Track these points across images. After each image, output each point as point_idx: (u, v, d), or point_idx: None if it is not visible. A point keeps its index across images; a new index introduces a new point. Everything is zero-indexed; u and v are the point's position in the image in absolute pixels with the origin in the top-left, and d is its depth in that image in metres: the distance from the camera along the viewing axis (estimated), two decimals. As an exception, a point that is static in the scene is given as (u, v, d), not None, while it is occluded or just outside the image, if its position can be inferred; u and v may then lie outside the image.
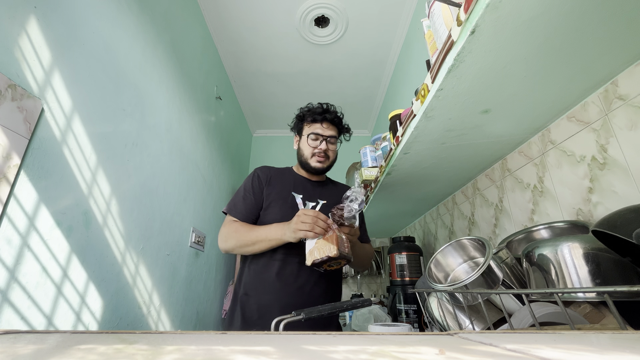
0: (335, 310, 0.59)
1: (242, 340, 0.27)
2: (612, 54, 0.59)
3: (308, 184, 1.18)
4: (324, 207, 1.11)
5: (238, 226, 1.03)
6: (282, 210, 1.07)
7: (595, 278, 0.48)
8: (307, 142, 1.14)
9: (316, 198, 1.14)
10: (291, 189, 1.13)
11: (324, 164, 1.14)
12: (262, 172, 1.16)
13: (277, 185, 1.13)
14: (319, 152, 1.12)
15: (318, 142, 1.13)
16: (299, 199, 1.11)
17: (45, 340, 0.26)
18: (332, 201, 1.15)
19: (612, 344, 0.24)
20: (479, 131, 0.83)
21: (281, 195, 1.11)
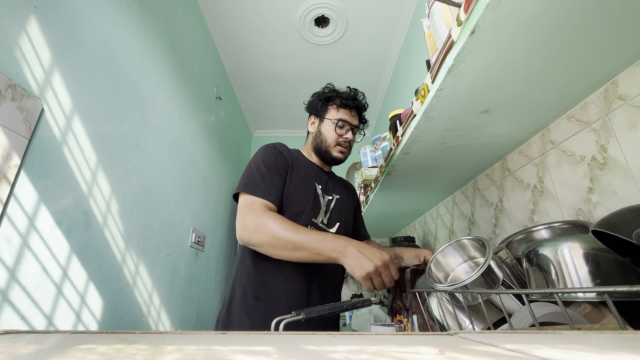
0: (335, 310, 0.59)
1: (242, 340, 0.27)
2: (612, 54, 0.59)
3: (323, 174, 1.06)
4: (337, 202, 1.04)
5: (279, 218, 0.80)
6: (308, 202, 0.93)
7: (595, 278, 0.48)
8: (335, 129, 1.00)
9: (331, 191, 1.04)
10: (313, 177, 1.00)
11: (346, 154, 1.04)
12: (283, 149, 0.99)
13: (299, 168, 0.98)
14: (344, 142, 1.01)
15: (344, 131, 1.02)
16: (319, 189, 0.99)
17: (45, 340, 0.26)
18: (343, 197, 1.08)
19: (612, 344, 0.24)
20: (479, 131, 0.83)
21: (305, 183, 0.96)
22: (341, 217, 1.01)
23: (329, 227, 0.97)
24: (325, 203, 0.99)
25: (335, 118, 1.01)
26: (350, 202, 1.12)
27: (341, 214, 1.02)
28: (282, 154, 0.96)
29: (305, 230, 0.78)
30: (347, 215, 1.06)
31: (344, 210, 1.05)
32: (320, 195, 0.97)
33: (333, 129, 1.01)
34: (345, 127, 1.02)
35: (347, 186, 1.19)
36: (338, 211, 1.01)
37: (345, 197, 1.09)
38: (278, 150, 0.96)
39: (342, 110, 1.02)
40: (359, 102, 1.04)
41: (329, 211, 0.98)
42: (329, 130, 1.02)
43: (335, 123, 1.00)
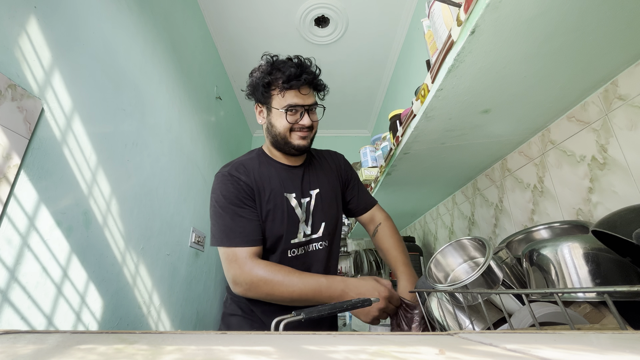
0: (335, 310, 0.59)
1: (242, 340, 0.27)
2: (612, 54, 0.59)
3: (293, 174, 0.91)
4: (318, 198, 0.91)
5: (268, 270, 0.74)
6: (282, 224, 0.83)
7: (595, 278, 0.48)
8: (286, 118, 0.83)
9: (308, 190, 0.91)
10: (281, 188, 0.86)
11: (308, 139, 0.87)
12: (240, 173, 0.84)
13: (265, 186, 0.85)
14: (302, 128, 0.85)
15: (298, 116, 0.84)
16: (292, 199, 0.86)
17: (45, 340, 0.26)
18: (324, 186, 0.93)
19: (612, 344, 0.24)
20: (479, 131, 0.83)
21: (275, 203, 0.84)
22: (324, 213, 0.91)
23: (314, 233, 0.88)
24: (305, 209, 0.88)
25: (282, 106, 0.83)
26: (335, 182, 0.98)
27: (324, 210, 0.91)
28: (241, 180, 0.82)
29: (299, 279, 0.73)
30: (332, 205, 0.94)
31: (328, 203, 0.93)
32: (296, 206, 0.86)
33: (284, 118, 0.83)
34: (299, 112, 0.84)
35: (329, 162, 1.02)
36: (320, 209, 0.90)
37: (328, 183, 0.95)
38: (235, 178, 0.82)
39: (288, 93, 0.82)
40: (306, 75, 0.83)
41: (310, 216, 0.88)
42: (279, 120, 0.84)
43: (286, 111, 0.83)
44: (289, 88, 0.82)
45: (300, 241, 0.86)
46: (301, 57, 0.86)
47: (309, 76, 0.83)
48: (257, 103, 0.90)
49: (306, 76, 0.82)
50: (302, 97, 0.83)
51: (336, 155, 1.08)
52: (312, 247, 0.88)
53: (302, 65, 0.84)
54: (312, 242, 0.88)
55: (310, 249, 0.88)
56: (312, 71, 0.85)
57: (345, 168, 1.04)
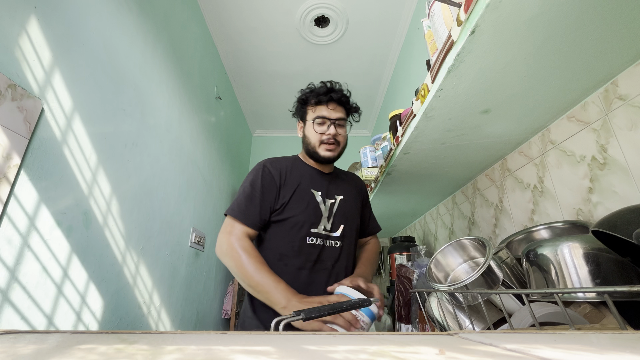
0: (335, 310, 0.59)
1: (242, 340, 0.27)
2: (612, 54, 0.59)
3: (322, 177, 1.04)
4: (342, 203, 1.01)
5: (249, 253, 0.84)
6: (304, 213, 0.94)
7: (595, 278, 0.48)
8: (314, 128, 0.99)
9: (333, 194, 1.02)
10: (309, 184, 0.99)
11: (335, 151, 1.00)
12: (274, 167, 0.99)
13: (292, 181, 0.98)
14: (328, 139, 0.98)
15: (325, 127, 0.98)
16: (318, 196, 0.98)
17: (46, 340, 0.26)
18: (348, 196, 1.05)
19: (612, 344, 0.24)
20: (479, 131, 0.83)
21: (300, 194, 0.96)
22: (346, 218, 1.00)
23: (333, 232, 0.96)
24: (328, 208, 0.98)
25: (313, 117, 0.99)
26: (357, 199, 1.09)
27: (346, 215, 1.00)
28: (271, 172, 0.96)
29: (264, 274, 0.81)
30: (353, 215, 1.04)
31: (350, 210, 1.03)
32: (321, 202, 0.97)
33: (313, 129, 0.99)
34: (326, 123, 0.98)
35: (354, 181, 1.15)
36: (342, 213, 1.00)
37: (351, 196, 1.06)
38: (267, 169, 0.97)
39: (318, 107, 1.00)
40: (334, 93, 0.99)
41: (332, 215, 0.98)
42: (310, 131, 1.00)
43: (314, 121, 0.99)
44: (318, 103, 0.99)
45: (320, 233, 0.94)
46: (333, 81, 1.03)
47: (336, 94, 0.99)
48: (298, 120, 1.07)
49: (333, 94, 0.99)
50: (329, 111, 0.98)
51: (359, 178, 1.21)
52: (328, 243, 0.95)
53: (331, 86, 1.01)
54: (329, 238, 0.95)
55: (327, 244, 0.95)
56: (340, 90, 1.01)
57: (364, 191, 1.16)
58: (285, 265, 0.91)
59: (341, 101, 1.00)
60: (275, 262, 0.90)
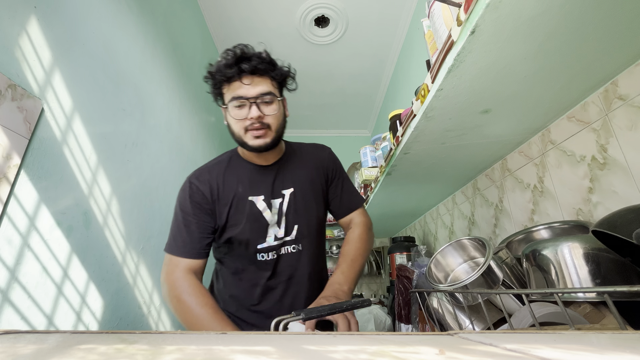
0: (335, 310, 0.59)
1: (242, 340, 0.27)
2: (612, 54, 0.59)
3: (264, 173, 0.85)
4: (292, 198, 0.85)
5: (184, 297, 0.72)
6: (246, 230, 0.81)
7: (595, 278, 0.48)
8: (231, 114, 0.76)
9: (280, 190, 0.84)
10: (247, 191, 0.82)
11: (267, 137, 0.78)
12: (202, 182, 0.82)
13: (227, 193, 0.82)
14: (252, 124, 0.76)
15: (246, 110, 0.75)
16: (260, 202, 0.82)
17: (46, 340, 0.26)
18: (300, 184, 0.86)
19: (612, 344, 0.24)
20: (479, 131, 0.83)
21: (237, 208, 0.81)
22: (299, 214, 0.85)
23: (287, 235, 0.84)
24: (277, 210, 0.83)
25: (227, 101, 0.76)
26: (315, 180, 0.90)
27: (299, 211, 0.85)
28: (200, 189, 0.81)
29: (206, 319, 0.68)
30: (309, 206, 0.87)
31: (303, 203, 0.86)
32: (265, 209, 0.82)
33: (231, 115, 0.77)
34: (245, 105, 0.75)
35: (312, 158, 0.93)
36: (294, 210, 0.85)
37: (305, 181, 0.88)
38: (194, 187, 0.82)
39: (230, 85, 0.76)
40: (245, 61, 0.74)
41: (283, 217, 0.84)
42: (230, 118, 0.78)
43: (228, 103, 0.76)
44: (228, 80, 0.75)
45: (270, 245, 0.82)
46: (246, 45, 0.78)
47: (249, 63, 0.73)
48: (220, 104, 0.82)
49: (244, 64, 0.73)
50: (245, 87, 0.74)
51: (321, 149, 0.97)
52: (283, 251, 0.83)
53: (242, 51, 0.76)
54: (284, 245, 0.83)
55: (282, 252, 0.83)
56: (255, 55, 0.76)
57: (328, 163, 0.94)
58: (240, 280, 0.84)
59: (259, 70, 0.75)
60: (229, 275, 0.85)
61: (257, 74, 0.76)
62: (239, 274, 0.84)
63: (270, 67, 0.78)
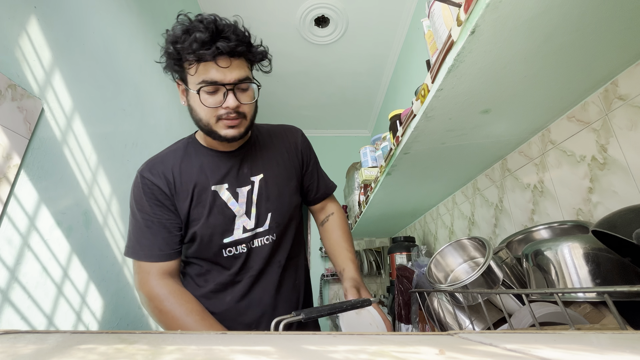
0: (335, 311, 0.59)
1: (242, 340, 0.27)
2: (612, 54, 0.59)
3: (227, 160, 0.77)
4: (262, 184, 0.78)
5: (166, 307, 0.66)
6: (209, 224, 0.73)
7: (595, 278, 0.48)
8: (201, 100, 0.66)
9: (248, 177, 0.77)
10: (208, 180, 0.74)
11: (241, 126, 0.70)
12: (155, 175, 0.73)
13: (185, 185, 0.73)
14: (228, 113, 0.67)
15: (221, 96, 0.66)
16: (224, 192, 0.74)
17: (46, 340, 0.26)
18: (272, 169, 0.80)
19: (612, 344, 0.24)
20: (479, 131, 0.83)
21: (199, 200, 0.73)
22: (272, 201, 0.78)
23: (259, 226, 0.77)
24: (245, 200, 0.76)
25: (196, 83, 0.66)
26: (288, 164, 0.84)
27: (271, 198, 0.78)
28: (154, 183, 0.72)
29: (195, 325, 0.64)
30: (282, 191, 0.80)
31: (276, 188, 0.80)
32: (230, 198, 0.74)
33: (201, 101, 0.66)
34: (220, 91, 0.66)
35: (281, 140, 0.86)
36: (265, 197, 0.77)
37: (277, 165, 0.82)
38: (147, 182, 0.72)
39: (201, 66, 0.65)
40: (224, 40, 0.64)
41: (253, 206, 0.76)
42: (197, 103, 0.67)
43: (199, 91, 0.66)
44: (200, 59, 0.64)
45: (239, 238, 0.74)
46: (218, 17, 0.67)
47: (228, 42, 0.63)
48: (175, 79, 0.72)
49: (222, 42, 0.62)
50: (221, 70, 0.64)
51: (292, 131, 0.90)
52: (255, 243, 0.76)
53: (216, 28, 0.64)
54: (256, 237, 0.76)
55: (254, 245, 0.76)
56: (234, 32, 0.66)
57: (302, 147, 0.88)
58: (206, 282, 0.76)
59: (237, 52, 0.65)
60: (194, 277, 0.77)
61: (235, 55, 0.66)
62: (203, 275, 0.76)
63: (248, 48, 0.68)
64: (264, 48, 0.73)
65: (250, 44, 0.70)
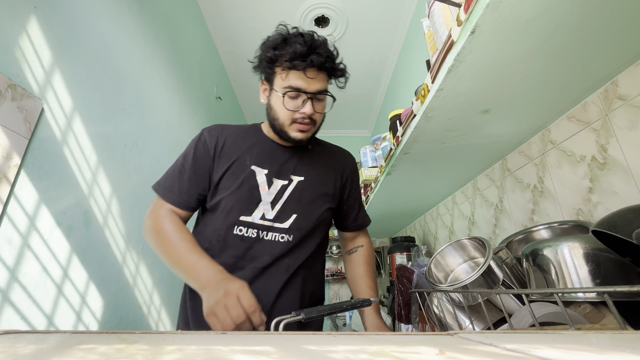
0: (335, 311, 0.59)
1: (242, 340, 0.27)
2: (612, 54, 0.59)
3: (278, 151, 0.82)
4: (299, 186, 0.80)
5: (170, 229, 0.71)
6: (234, 195, 0.75)
7: (595, 278, 0.48)
8: (283, 103, 0.74)
9: (289, 173, 0.80)
10: (252, 159, 0.79)
11: (309, 132, 0.78)
12: (211, 135, 0.80)
13: (230, 153, 0.78)
14: (303, 118, 0.75)
15: (300, 102, 0.74)
16: (261, 175, 0.77)
17: (46, 340, 0.26)
18: (314, 177, 0.82)
19: (612, 344, 0.24)
20: (479, 131, 0.83)
21: (235, 171, 0.77)
22: (302, 205, 0.79)
23: (278, 221, 0.77)
24: (276, 191, 0.78)
25: (283, 87, 0.73)
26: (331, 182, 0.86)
27: (303, 202, 0.80)
28: (206, 141, 0.79)
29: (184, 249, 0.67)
30: (316, 203, 0.82)
31: (311, 197, 0.81)
32: (264, 183, 0.77)
33: (283, 103, 0.74)
34: (300, 97, 0.74)
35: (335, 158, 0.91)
36: (297, 199, 0.79)
37: (320, 177, 0.84)
38: (203, 139, 0.80)
39: (291, 73, 0.73)
40: (317, 54, 0.72)
41: (280, 201, 0.78)
42: (278, 104, 0.75)
43: (284, 94, 0.73)
44: (292, 68, 0.72)
45: (254, 222, 0.76)
46: (315, 34, 0.75)
47: (319, 58, 0.71)
48: (262, 79, 0.81)
49: (315, 57, 0.71)
50: (307, 81, 0.73)
51: (346, 155, 0.95)
52: (268, 236, 0.76)
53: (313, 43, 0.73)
54: (271, 230, 0.76)
55: (266, 237, 0.76)
56: (325, 52, 0.74)
57: (351, 174, 0.92)
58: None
59: (325, 67, 0.74)
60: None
61: (321, 69, 0.74)
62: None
63: (332, 65, 0.77)
64: (343, 66, 0.81)
65: (334, 61, 0.78)
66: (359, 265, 0.89)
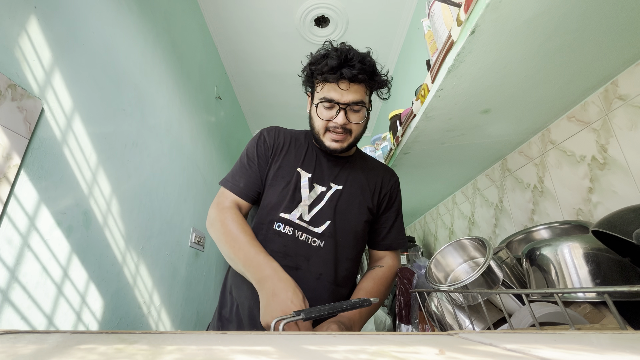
0: (335, 310, 0.59)
1: (242, 340, 0.27)
2: (612, 54, 0.59)
3: (324, 158, 0.87)
4: (337, 194, 0.83)
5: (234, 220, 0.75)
6: (279, 194, 0.80)
7: (595, 278, 0.48)
8: (317, 112, 0.80)
9: (329, 181, 0.84)
10: (298, 162, 0.84)
11: (344, 142, 0.81)
12: (270, 135, 0.87)
13: (282, 154, 0.85)
14: (335, 127, 0.79)
15: (333, 113, 0.78)
16: (305, 178, 0.82)
17: (46, 340, 0.26)
18: (352, 188, 0.85)
19: (612, 344, 0.24)
20: (479, 131, 0.83)
21: (283, 171, 0.83)
22: (337, 213, 0.81)
23: (312, 225, 0.79)
24: (316, 196, 0.81)
25: (319, 98, 0.79)
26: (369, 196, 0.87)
27: (340, 211, 0.82)
28: (266, 141, 0.86)
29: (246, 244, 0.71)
30: (354, 213, 0.84)
31: (348, 207, 0.83)
32: (305, 186, 0.81)
33: (317, 112, 0.80)
34: (334, 108, 0.78)
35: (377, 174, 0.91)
36: (333, 207, 0.81)
37: (358, 189, 0.86)
38: (263, 138, 0.87)
39: (326, 85, 0.78)
40: (348, 67, 0.75)
41: (317, 206, 0.81)
42: (315, 114, 0.81)
43: (317, 105, 0.79)
44: (325, 80, 0.77)
45: (292, 220, 0.79)
46: (351, 47, 0.81)
47: (351, 70, 0.75)
48: (307, 92, 0.87)
49: (347, 70, 0.75)
50: (339, 92, 0.77)
51: (389, 172, 0.94)
52: (303, 237, 0.79)
53: (346, 56, 0.76)
54: (306, 232, 0.79)
55: (301, 237, 0.79)
56: (359, 62, 0.76)
57: (391, 190, 0.91)
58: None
59: (358, 79, 0.76)
60: None
61: (355, 81, 0.77)
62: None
63: (369, 77, 0.79)
64: (386, 78, 0.84)
65: (373, 73, 0.80)
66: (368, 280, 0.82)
